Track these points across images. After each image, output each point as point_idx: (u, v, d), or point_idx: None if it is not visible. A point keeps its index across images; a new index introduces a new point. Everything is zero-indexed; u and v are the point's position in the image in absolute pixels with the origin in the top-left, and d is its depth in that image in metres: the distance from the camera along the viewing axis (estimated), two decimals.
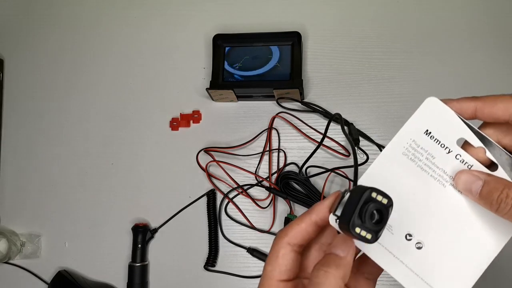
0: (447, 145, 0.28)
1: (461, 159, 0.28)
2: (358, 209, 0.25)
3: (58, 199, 0.69)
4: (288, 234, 0.28)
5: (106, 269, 0.66)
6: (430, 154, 0.28)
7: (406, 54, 0.67)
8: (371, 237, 0.25)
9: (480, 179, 0.26)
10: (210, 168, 0.67)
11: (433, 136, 0.28)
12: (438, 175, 0.28)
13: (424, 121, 0.29)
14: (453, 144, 0.28)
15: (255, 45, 0.68)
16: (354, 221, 0.25)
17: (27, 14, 0.78)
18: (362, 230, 0.25)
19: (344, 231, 0.26)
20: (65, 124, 0.72)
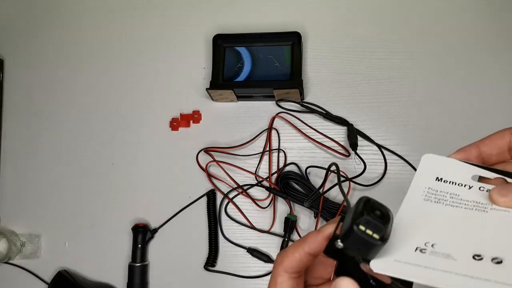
0: (465, 183, 0.27)
1: (485, 189, 0.26)
2: (357, 211, 0.23)
3: (58, 199, 0.69)
4: (283, 262, 0.28)
5: (106, 269, 0.66)
6: (453, 193, 0.27)
7: (406, 54, 0.67)
8: (380, 236, 0.23)
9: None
10: (210, 168, 0.67)
11: (446, 180, 0.27)
12: (473, 205, 0.26)
13: (430, 173, 0.28)
14: (470, 180, 0.27)
15: (255, 45, 0.68)
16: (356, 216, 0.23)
17: (27, 14, 0.78)
18: (367, 229, 0.23)
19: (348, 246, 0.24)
20: (65, 124, 0.72)
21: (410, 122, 0.64)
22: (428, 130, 0.64)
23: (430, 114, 0.65)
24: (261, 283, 0.62)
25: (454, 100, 0.65)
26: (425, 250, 0.25)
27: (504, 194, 0.25)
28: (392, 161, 0.63)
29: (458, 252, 0.24)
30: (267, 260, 0.62)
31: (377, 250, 0.23)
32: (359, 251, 0.24)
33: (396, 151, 0.63)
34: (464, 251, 0.24)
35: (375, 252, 0.24)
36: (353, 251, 0.24)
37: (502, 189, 0.25)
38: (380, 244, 0.23)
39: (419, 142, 0.64)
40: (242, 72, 0.67)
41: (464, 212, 0.26)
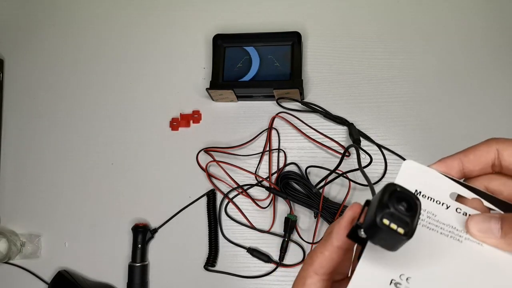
0: (443, 201, 0.26)
1: (462, 212, 0.26)
2: (380, 201, 0.21)
3: (58, 199, 0.69)
4: (314, 263, 0.26)
5: (106, 269, 0.66)
6: (430, 212, 0.26)
7: (406, 54, 0.67)
8: (405, 231, 0.21)
9: (496, 217, 0.24)
10: (210, 168, 0.67)
11: (424, 195, 0.26)
12: (449, 231, 0.25)
13: (410, 183, 0.27)
14: (448, 199, 0.26)
15: (255, 45, 0.68)
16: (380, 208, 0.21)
17: (27, 14, 0.78)
18: (392, 223, 0.21)
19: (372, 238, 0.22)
20: (65, 124, 0.72)
21: (410, 122, 0.64)
22: (428, 130, 0.64)
23: (430, 114, 0.65)
24: (261, 283, 0.62)
25: (454, 100, 0.65)
26: (400, 285, 0.24)
27: (481, 229, 0.24)
28: (392, 161, 0.63)
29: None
30: (267, 260, 0.62)
31: (401, 244, 0.22)
32: (383, 242, 0.22)
33: (396, 151, 0.63)
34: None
35: (398, 246, 0.22)
36: (377, 242, 0.22)
37: (480, 223, 0.24)
38: (406, 239, 0.21)
39: (419, 142, 0.64)
40: (242, 72, 0.67)
41: (439, 239, 0.25)
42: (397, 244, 0.22)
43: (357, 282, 0.24)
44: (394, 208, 0.21)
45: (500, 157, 0.26)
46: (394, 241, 0.22)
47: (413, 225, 0.21)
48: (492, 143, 0.26)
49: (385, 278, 0.24)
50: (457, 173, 0.27)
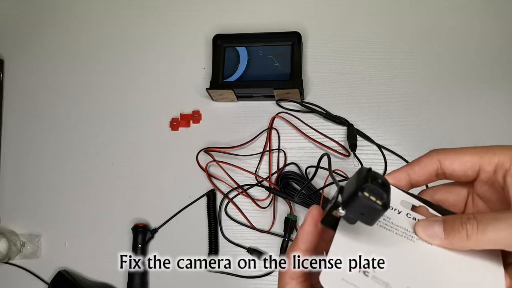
0: (394, 206, 0.29)
1: (412, 217, 0.28)
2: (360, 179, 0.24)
3: (58, 199, 0.69)
4: (288, 269, 0.28)
5: (106, 269, 0.66)
6: (385, 215, 0.28)
7: (406, 54, 0.67)
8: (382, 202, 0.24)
9: (438, 220, 0.26)
10: (210, 168, 0.67)
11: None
12: (403, 232, 0.28)
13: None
14: (399, 205, 0.29)
15: (255, 45, 0.68)
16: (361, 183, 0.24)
17: (27, 14, 0.78)
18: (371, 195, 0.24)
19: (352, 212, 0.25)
20: (65, 124, 0.72)
21: (410, 122, 0.64)
22: (428, 130, 0.64)
23: (430, 114, 0.65)
24: (261, 283, 0.62)
25: (454, 100, 0.65)
26: (368, 273, 0.26)
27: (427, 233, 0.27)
28: (392, 161, 0.63)
29: (395, 284, 0.26)
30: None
31: (378, 216, 0.24)
32: (361, 216, 0.25)
33: (396, 151, 0.63)
34: (400, 284, 0.26)
35: (376, 218, 0.25)
36: (355, 218, 0.25)
37: (425, 226, 0.27)
38: (382, 210, 0.24)
39: (419, 142, 0.64)
40: (242, 72, 0.67)
41: (396, 238, 0.28)
42: (375, 216, 0.24)
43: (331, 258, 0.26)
44: (373, 184, 0.24)
45: (442, 166, 0.28)
46: (372, 213, 0.24)
47: (388, 198, 0.24)
48: (433, 154, 0.29)
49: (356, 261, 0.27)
50: (405, 184, 0.30)
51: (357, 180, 0.24)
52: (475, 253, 0.26)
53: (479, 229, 0.24)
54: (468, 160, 0.27)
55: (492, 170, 0.27)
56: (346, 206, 0.25)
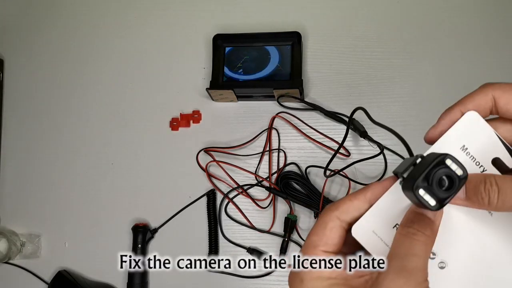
0: (482, 163, 0.27)
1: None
2: (427, 171, 0.23)
3: (58, 199, 0.69)
4: (339, 208, 0.27)
5: (106, 269, 0.66)
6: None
7: (406, 54, 0.67)
8: (435, 204, 0.23)
9: None
10: (210, 168, 0.67)
11: (469, 152, 0.27)
12: None
13: (462, 136, 0.27)
14: (488, 163, 0.27)
15: (255, 45, 0.68)
16: (419, 182, 0.23)
17: (27, 14, 0.78)
18: (426, 194, 0.23)
19: (407, 194, 0.24)
20: (65, 124, 0.72)
21: (410, 122, 0.64)
22: None
23: (430, 114, 0.64)
24: (261, 283, 0.62)
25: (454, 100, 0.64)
26: None
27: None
28: (392, 161, 0.63)
29: None
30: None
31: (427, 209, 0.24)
32: (411, 199, 0.24)
33: (396, 151, 0.63)
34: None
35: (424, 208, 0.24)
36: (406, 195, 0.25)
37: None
38: (432, 210, 0.23)
39: (419, 142, 0.63)
40: (242, 72, 0.67)
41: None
42: (422, 207, 0.23)
43: (370, 215, 0.27)
44: (435, 185, 0.23)
45: (497, 104, 0.26)
46: (421, 205, 0.23)
47: (444, 202, 0.23)
48: (488, 90, 0.27)
49: (392, 221, 0.26)
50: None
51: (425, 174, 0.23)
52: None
53: (499, 198, 0.24)
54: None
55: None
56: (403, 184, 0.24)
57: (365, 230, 0.27)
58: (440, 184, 0.23)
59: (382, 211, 0.27)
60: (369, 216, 0.27)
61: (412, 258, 0.23)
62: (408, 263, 0.23)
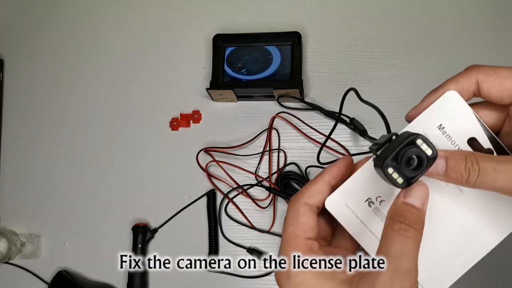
0: (458, 143, 0.28)
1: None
2: (397, 150, 0.24)
3: (58, 199, 0.69)
4: (304, 194, 0.28)
5: (106, 269, 0.66)
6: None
7: (406, 54, 0.67)
8: (402, 182, 0.24)
9: (442, 156, 0.25)
10: (210, 168, 0.67)
11: (445, 131, 0.28)
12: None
13: (440, 114, 0.28)
14: (464, 142, 0.28)
15: (255, 45, 0.68)
16: (389, 161, 0.24)
17: (27, 14, 0.78)
18: (395, 172, 0.24)
19: (378, 171, 0.25)
20: (65, 124, 0.72)
21: None
22: None
23: None
24: (261, 283, 0.62)
25: None
26: (373, 204, 0.28)
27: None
28: None
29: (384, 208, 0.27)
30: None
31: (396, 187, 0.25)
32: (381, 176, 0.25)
33: None
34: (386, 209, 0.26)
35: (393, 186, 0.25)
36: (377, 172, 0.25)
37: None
38: (400, 188, 0.24)
39: None
40: (242, 72, 0.67)
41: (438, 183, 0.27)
42: (391, 184, 0.24)
43: (343, 189, 0.28)
44: (404, 164, 0.24)
45: (480, 88, 0.27)
46: (390, 182, 0.24)
47: (412, 181, 0.24)
48: (472, 73, 0.27)
49: (364, 195, 0.28)
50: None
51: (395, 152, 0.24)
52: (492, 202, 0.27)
53: (479, 177, 0.24)
54: (508, 88, 0.26)
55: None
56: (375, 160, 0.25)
57: (338, 203, 0.28)
58: (409, 163, 0.24)
59: (355, 185, 0.28)
60: (342, 189, 0.28)
61: (406, 259, 0.23)
62: (403, 264, 0.23)
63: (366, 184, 0.28)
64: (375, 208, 0.28)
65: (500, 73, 0.26)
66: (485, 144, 0.27)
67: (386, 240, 0.24)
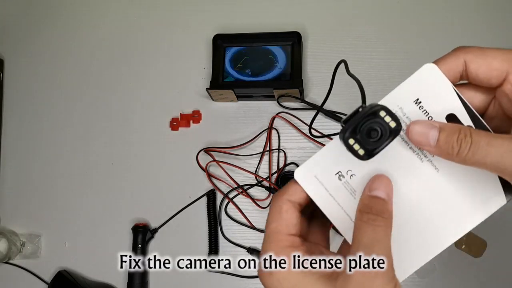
0: (435, 118, 0.27)
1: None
2: (356, 122, 0.24)
3: (58, 199, 0.69)
4: (287, 191, 0.28)
5: (106, 269, 0.66)
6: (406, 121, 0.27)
7: (406, 54, 0.67)
8: (363, 153, 0.24)
9: (435, 127, 0.25)
10: (210, 168, 0.67)
11: (422, 106, 0.27)
12: (418, 148, 0.27)
13: (417, 88, 0.27)
14: (442, 118, 0.27)
15: (255, 45, 0.68)
16: (348, 132, 0.24)
17: (27, 14, 0.78)
18: (356, 143, 0.24)
19: (342, 142, 0.25)
20: (65, 124, 0.72)
21: None
22: None
23: None
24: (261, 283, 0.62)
25: None
26: (343, 177, 0.27)
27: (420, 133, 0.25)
28: None
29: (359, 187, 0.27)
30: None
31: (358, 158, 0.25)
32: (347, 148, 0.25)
33: None
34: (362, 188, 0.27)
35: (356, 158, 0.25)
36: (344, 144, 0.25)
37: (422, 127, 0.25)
38: (360, 159, 0.24)
39: None
40: (242, 72, 0.67)
41: (405, 153, 0.27)
42: (354, 156, 0.24)
43: (313, 161, 0.27)
44: (364, 135, 0.24)
45: (467, 69, 0.26)
46: (352, 154, 0.25)
47: (373, 152, 0.24)
48: (460, 54, 0.26)
49: (334, 168, 0.27)
50: None
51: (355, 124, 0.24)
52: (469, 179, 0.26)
53: (470, 150, 0.24)
54: (496, 68, 0.25)
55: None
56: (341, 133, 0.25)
57: (307, 174, 0.27)
58: (369, 135, 0.24)
59: (325, 158, 0.27)
60: (312, 161, 0.27)
61: (378, 245, 0.24)
62: (375, 251, 0.23)
63: (337, 157, 0.27)
64: (345, 182, 0.27)
65: (488, 53, 0.26)
66: (466, 122, 0.26)
67: (357, 232, 0.25)
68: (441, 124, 0.25)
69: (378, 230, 0.24)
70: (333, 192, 0.27)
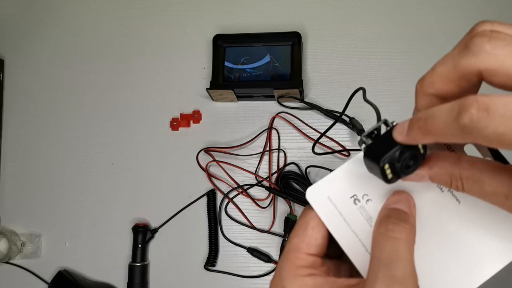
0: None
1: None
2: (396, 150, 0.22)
3: (58, 199, 0.69)
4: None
5: (106, 269, 0.66)
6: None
7: (406, 54, 0.67)
8: (392, 177, 0.22)
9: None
10: (210, 168, 0.67)
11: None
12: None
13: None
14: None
15: (255, 45, 0.68)
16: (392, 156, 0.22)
17: (27, 14, 0.78)
18: (389, 169, 0.22)
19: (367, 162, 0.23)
20: (65, 124, 0.72)
21: None
22: None
23: None
24: (261, 283, 0.62)
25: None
26: (358, 201, 0.25)
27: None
28: None
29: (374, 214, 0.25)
30: (267, 260, 0.62)
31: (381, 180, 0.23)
32: (369, 168, 0.24)
33: None
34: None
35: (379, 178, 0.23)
36: (365, 163, 0.24)
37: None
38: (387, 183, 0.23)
39: None
40: (242, 72, 0.67)
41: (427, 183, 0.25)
42: (379, 177, 0.23)
43: (327, 180, 0.26)
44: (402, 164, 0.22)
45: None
46: (378, 175, 0.23)
47: (400, 177, 0.23)
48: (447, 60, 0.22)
49: (350, 191, 0.25)
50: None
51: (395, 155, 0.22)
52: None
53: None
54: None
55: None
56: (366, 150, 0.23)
57: (320, 194, 0.25)
58: (409, 164, 0.22)
59: (341, 178, 0.26)
60: (326, 181, 0.26)
61: (399, 264, 0.21)
62: (396, 271, 0.20)
63: (353, 179, 0.25)
64: (361, 207, 0.25)
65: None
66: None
67: (375, 248, 0.22)
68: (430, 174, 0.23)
69: (399, 244, 0.21)
70: (347, 217, 0.25)
